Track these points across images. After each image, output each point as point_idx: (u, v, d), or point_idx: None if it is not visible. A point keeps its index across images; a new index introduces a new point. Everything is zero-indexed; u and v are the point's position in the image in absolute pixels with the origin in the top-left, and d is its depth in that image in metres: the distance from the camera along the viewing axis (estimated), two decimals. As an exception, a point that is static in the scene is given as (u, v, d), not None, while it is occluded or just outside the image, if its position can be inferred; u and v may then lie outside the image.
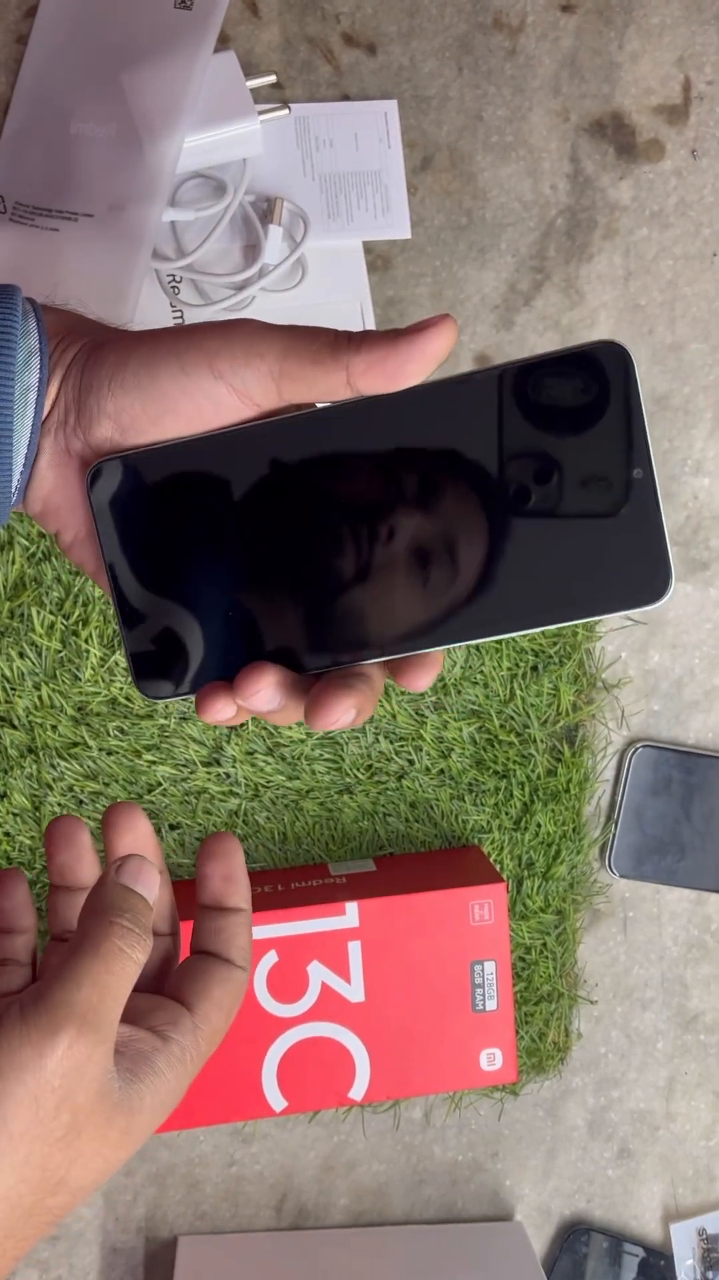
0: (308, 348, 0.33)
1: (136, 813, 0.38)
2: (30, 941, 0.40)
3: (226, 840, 0.39)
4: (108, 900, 0.35)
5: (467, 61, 0.69)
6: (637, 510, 0.32)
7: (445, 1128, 0.71)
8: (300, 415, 0.34)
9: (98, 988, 0.32)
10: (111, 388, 0.34)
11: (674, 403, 0.71)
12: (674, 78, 0.70)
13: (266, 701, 0.34)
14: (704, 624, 0.71)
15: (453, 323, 0.33)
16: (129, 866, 0.36)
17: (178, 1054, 0.35)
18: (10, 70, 0.67)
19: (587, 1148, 0.72)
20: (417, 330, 0.32)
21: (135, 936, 0.34)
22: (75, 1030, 0.32)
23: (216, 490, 0.34)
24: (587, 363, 0.33)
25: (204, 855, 0.39)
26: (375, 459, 0.34)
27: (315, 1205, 0.71)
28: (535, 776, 0.69)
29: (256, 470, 0.34)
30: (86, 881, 0.40)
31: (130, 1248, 0.70)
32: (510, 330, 0.70)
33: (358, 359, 0.32)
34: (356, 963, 0.62)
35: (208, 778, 0.67)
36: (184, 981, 0.37)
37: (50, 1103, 0.31)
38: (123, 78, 0.65)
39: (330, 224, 0.68)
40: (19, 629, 0.65)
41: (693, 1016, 0.72)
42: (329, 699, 0.33)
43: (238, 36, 0.68)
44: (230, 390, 0.33)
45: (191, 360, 0.33)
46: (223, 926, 0.38)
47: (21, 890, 0.40)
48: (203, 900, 0.39)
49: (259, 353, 0.33)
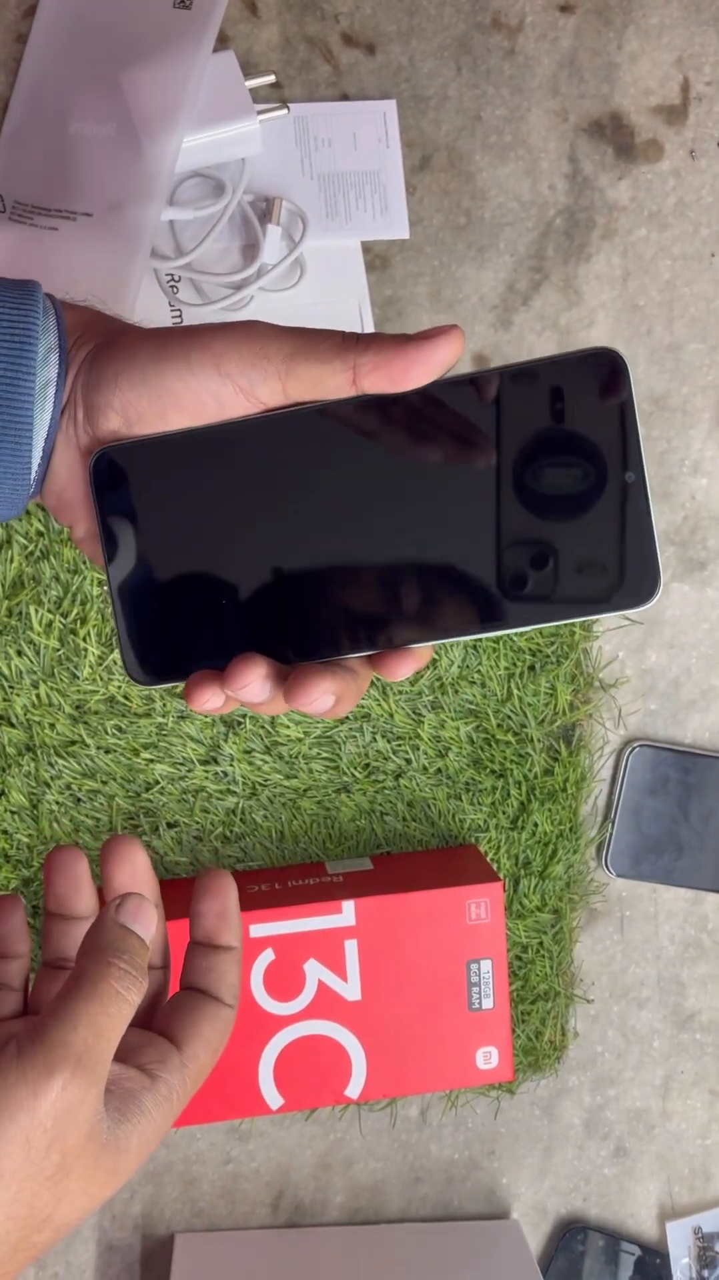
0: (316, 348, 0.33)
1: (134, 846, 0.39)
2: (24, 967, 0.40)
3: (221, 878, 0.39)
4: (106, 940, 0.35)
5: (465, 61, 0.70)
6: (628, 514, 0.33)
7: (442, 1126, 0.72)
8: (301, 410, 0.34)
9: (93, 1029, 0.33)
10: (119, 382, 0.34)
11: (672, 403, 0.71)
12: (673, 78, 0.70)
13: (256, 693, 0.34)
14: (701, 624, 0.71)
15: (461, 333, 0.33)
16: (128, 906, 0.36)
17: (164, 1093, 0.35)
18: (9, 69, 0.67)
19: (583, 1146, 0.72)
20: (425, 336, 0.33)
21: (132, 979, 0.34)
22: (70, 1072, 0.32)
23: (215, 481, 0.35)
24: (583, 368, 0.33)
25: (198, 892, 0.39)
26: (370, 456, 0.34)
27: (312, 1203, 0.71)
28: (532, 776, 0.69)
29: (254, 463, 0.35)
30: (83, 911, 0.40)
31: (127, 1245, 0.70)
32: (509, 330, 0.70)
33: (365, 358, 0.33)
34: (353, 961, 0.63)
35: (205, 776, 0.67)
36: (173, 1018, 0.37)
37: (42, 1143, 0.32)
38: (122, 77, 0.65)
39: (329, 224, 0.68)
40: (17, 627, 0.66)
41: (689, 1015, 0.72)
42: (308, 680, 0.34)
43: (237, 36, 0.68)
44: (236, 389, 0.34)
45: (198, 358, 0.34)
46: (213, 965, 0.38)
47: (18, 916, 0.40)
48: (195, 937, 0.39)
49: (266, 353, 0.34)
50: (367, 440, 0.34)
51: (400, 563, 0.34)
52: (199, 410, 0.34)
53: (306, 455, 0.34)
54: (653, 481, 0.71)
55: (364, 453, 0.34)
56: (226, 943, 0.39)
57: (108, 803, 0.67)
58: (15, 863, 0.67)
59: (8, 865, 0.67)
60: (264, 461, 0.35)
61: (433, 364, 0.33)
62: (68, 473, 0.36)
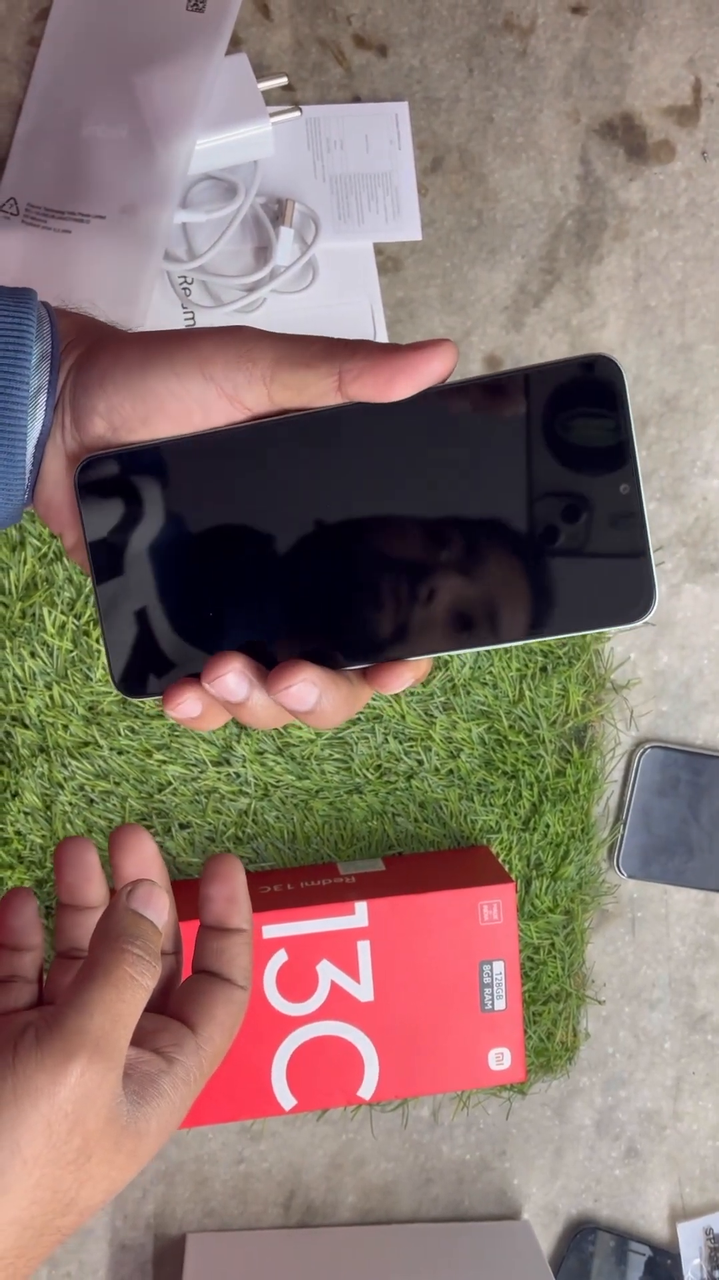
0: (301, 353, 0.33)
1: (142, 835, 0.39)
2: (38, 959, 0.40)
3: (229, 862, 0.39)
4: (119, 927, 0.35)
5: (477, 63, 0.70)
6: (623, 526, 0.32)
7: (453, 1126, 0.72)
8: (287, 418, 0.34)
9: (110, 1015, 0.33)
10: (103, 385, 0.34)
11: (684, 404, 0.71)
12: (685, 79, 0.70)
13: (233, 687, 0.34)
14: (713, 625, 0.71)
15: (453, 347, 0.33)
16: (139, 892, 0.36)
17: (182, 1075, 0.35)
18: (23, 72, 0.68)
19: (594, 1147, 0.72)
20: (415, 348, 0.33)
21: (145, 964, 0.34)
22: (88, 1057, 0.32)
23: (201, 489, 0.34)
24: (578, 376, 0.32)
25: (207, 876, 0.39)
26: (358, 465, 0.34)
27: (323, 1203, 0.71)
28: (544, 777, 0.69)
29: (240, 472, 0.34)
30: (94, 901, 0.41)
31: (139, 1244, 0.70)
32: (520, 331, 0.70)
33: (351, 363, 0.33)
34: (366, 962, 0.63)
35: (218, 777, 0.68)
36: (187, 1001, 0.37)
37: (63, 1128, 0.32)
38: (135, 80, 0.65)
39: (341, 226, 0.68)
40: (31, 629, 0.66)
41: (700, 1016, 0.72)
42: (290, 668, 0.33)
43: (249, 38, 0.68)
44: (221, 393, 0.33)
45: (183, 362, 0.33)
46: (225, 947, 0.39)
47: (30, 909, 0.41)
48: (205, 920, 0.39)
49: (252, 358, 0.33)
50: (353, 450, 0.34)
51: (388, 575, 0.34)
52: (184, 415, 0.34)
53: (293, 464, 0.34)
54: (664, 483, 0.71)
55: (350, 463, 0.34)
56: (237, 925, 0.39)
57: (121, 804, 0.67)
58: (29, 863, 0.67)
59: (21, 866, 0.67)
60: (250, 470, 0.34)
61: (421, 375, 0.32)
62: (56, 479, 0.36)
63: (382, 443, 0.33)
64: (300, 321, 0.68)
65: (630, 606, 0.32)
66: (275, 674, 0.33)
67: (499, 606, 0.33)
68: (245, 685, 0.34)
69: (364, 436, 0.33)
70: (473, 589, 0.33)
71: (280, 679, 0.33)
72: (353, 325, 0.68)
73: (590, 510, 0.32)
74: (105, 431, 0.34)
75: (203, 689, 0.34)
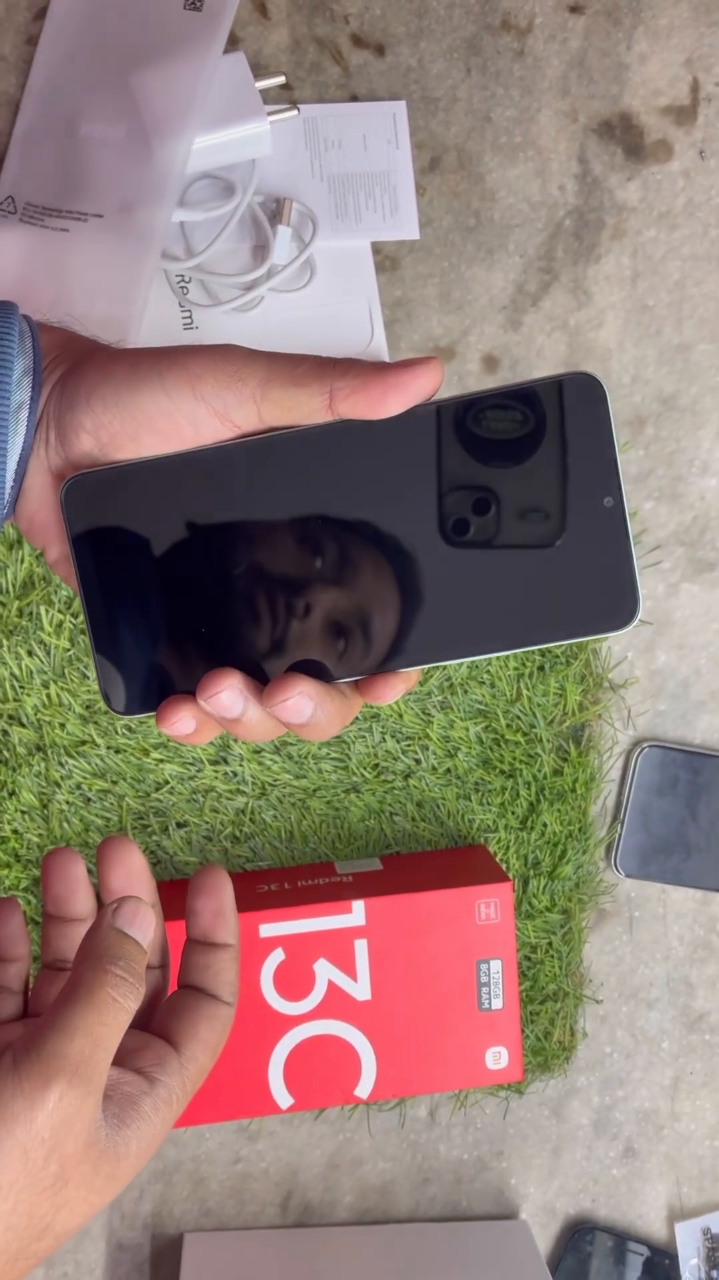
0: (291, 371, 0.33)
1: (129, 847, 0.38)
2: (23, 970, 0.40)
3: (216, 875, 0.39)
4: (103, 947, 0.35)
5: (475, 63, 0.70)
6: (606, 539, 0.33)
7: (451, 1126, 0.72)
8: (276, 435, 0.34)
9: (90, 1038, 0.33)
10: (90, 403, 0.34)
11: (682, 403, 0.71)
12: (682, 79, 0.70)
13: (228, 704, 0.34)
14: (711, 624, 0.71)
15: (440, 365, 0.33)
16: (125, 910, 0.36)
17: (164, 1096, 0.35)
18: (20, 71, 0.68)
19: (592, 1147, 0.72)
20: (404, 365, 0.33)
21: (129, 986, 0.34)
22: (66, 1082, 0.32)
23: (189, 507, 0.34)
24: (560, 393, 0.33)
25: (193, 890, 0.39)
26: (346, 481, 0.34)
27: (320, 1203, 0.71)
28: (542, 776, 0.69)
29: (229, 488, 0.34)
30: (80, 913, 0.40)
31: (136, 1244, 0.70)
32: (518, 331, 0.70)
33: (341, 383, 0.33)
34: (363, 961, 0.63)
35: (215, 776, 0.67)
36: (171, 1018, 0.37)
37: (40, 1154, 0.32)
38: (132, 79, 0.65)
39: (339, 224, 0.68)
40: (28, 627, 0.66)
41: (698, 1016, 0.72)
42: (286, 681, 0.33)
43: (247, 38, 0.69)
44: (211, 411, 0.33)
45: (173, 380, 0.33)
46: (211, 963, 0.38)
47: (16, 919, 0.40)
48: (192, 934, 0.39)
49: (242, 376, 0.33)
50: (341, 467, 0.34)
51: (377, 588, 0.34)
52: (173, 433, 0.34)
53: (281, 480, 0.34)
54: (662, 482, 0.71)
55: (339, 479, 0.34)
56: (223, 940, 0.38)
57: (118, 803, 0.67)
58: (26, 862, 0.67)
59: (18, 865, 0.67)
60: (239, 487, 0.34)
61: (411, 392, 0.33)
62: (40, 495, 0.36)
63: (369, 459, 0.34)
64: (298, 320, 0.68)
65: (614, 616, 0.33)
66: (272, 688, 0.33)
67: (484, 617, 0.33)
68: (241, 701, 0.34)
69: (351, 454, 0.34)
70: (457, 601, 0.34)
71: (277, 692, 0.33)
72: (350, 324, 0.68)
73: (575, 525, 0.33)
74: (93, 448, 0.34)
75: (197, 705, 0.34)
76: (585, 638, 0.34)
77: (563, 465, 0.33)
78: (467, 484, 0.34)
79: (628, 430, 0.71)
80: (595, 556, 0.33)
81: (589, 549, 0.33)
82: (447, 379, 0.70)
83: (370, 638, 0.34)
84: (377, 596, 0.34)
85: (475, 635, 0.34)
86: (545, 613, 0.33)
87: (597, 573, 0.33)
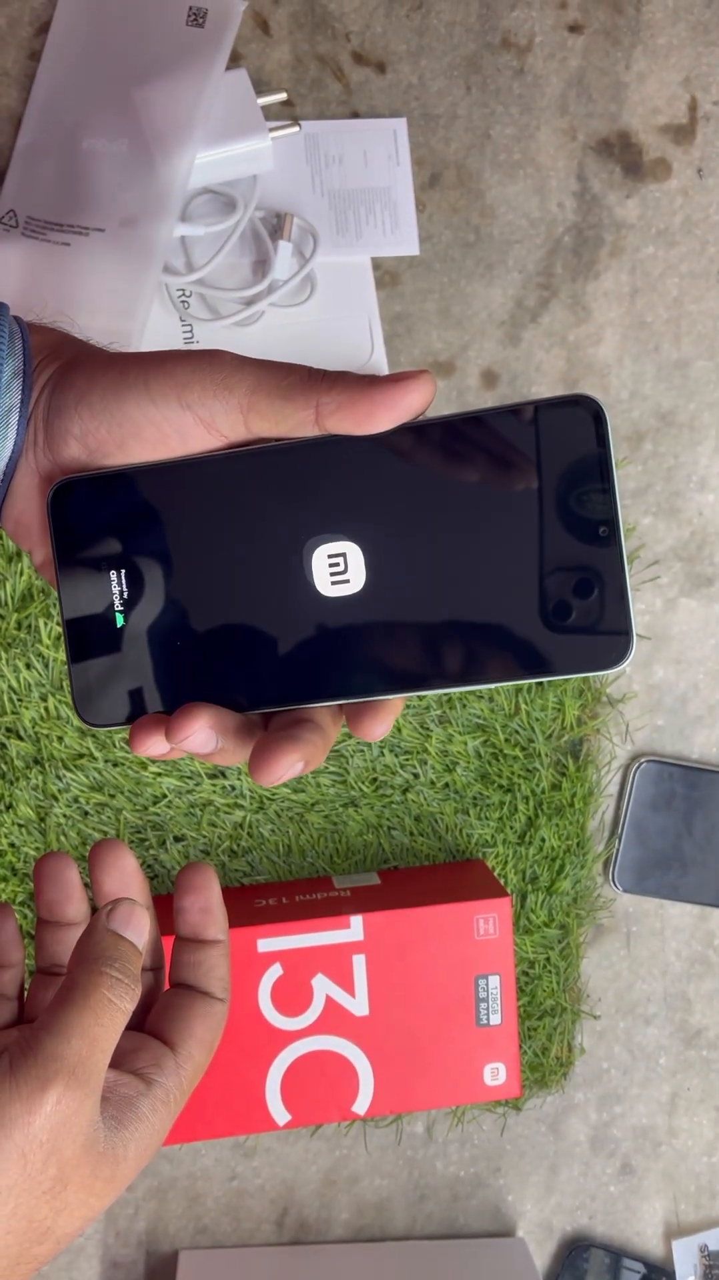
0: (279, 383, 0.32)
1: (121, 850, 0.38)
2: (18, 976, 0.40)
3: (203, 872, 0.38)
4: (98, 949, 0.35)
5: (475, 80, 0.70)
6: (602, 570, 0.31)
7: (448, 1143, 0.71)
8: (261, 449, 0.33)
9: (87, 1040, 0.32)
10: (79, 409, 0.33)
11: (679, 419, 0.71)
12: (680, 98, 0.71)
13: (201, 744, 0.33)
14: (708, 640, 0.72)
15: (432, 380, 0.32)
16: (119, 912, 0.35)
17: (162, 1096, 0.35)
18: (23, 86, 0.68)
19: (589, 1163, 0.72)
20: (394, 380, 0.32)
21: (124, 987, 0.34)
22: (64, 1085, 0.32)
23: (172, 518, 0.34)
24: (559, 416, 0.32)
25: (180, 888, 0.38)
26: (330, 500, 0.33)
27: (316, 1220, 0.71)
28: (540, 791, 0.69)
29: (214, 500, 0.34)
30: (74, 918, 0.40)
31: (131, 1262, 0.70)
32: (517, 346, 0.71)
33: (329, 397, 0.32)
34: (361, 976, 0.62)
35: (213, 790, 0.67)
36: (165, 1018, 0.37)
37: (38, 1157, 0.32)
38: (135, 94, 0.65)
39: (339, 240, 0.69)
40: (26, 640, 0.66)
41: (696, 1032, 0.72)
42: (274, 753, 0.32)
43: (249, 54, 0.69)
44: (197, 420, 0.33)
45: (159, 388, 0.33)
46: (202, 960, 0.38)
47: (9, 925, 0.40)
48: (181, 932, 0.38)
49: (229, 385, 0.33)
50: (325, 484, 0.33)
51: (360, 612, 0.33)
52: (160, 441, 0.33)
53: (269, 495, 0.33)
54: (660, 498, 0.71)
55: (323, 497, 0.33)
56: (213, 936, 0.38)
57: (115, 816, 0.67)
58: (23, 876, 0.67)
59: (14, 879, 0.67)
60: (224, 499, 0.33)
61: (400, 409, 0.32)
62: (26, 498, 0.35)
63: (353, 477, 0.33)
64: (298, 335, 0.69)
65: (607, 653, 0.31)
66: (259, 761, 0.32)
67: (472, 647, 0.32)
68: (213, 741, 0.33)
69: (336, 471, 0.33)
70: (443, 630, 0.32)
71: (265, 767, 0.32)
72: (350, 339, 0.69)
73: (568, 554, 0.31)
74: (80, 454, 0.34)
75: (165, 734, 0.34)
76: (575, 675, 0.32)
77: (559, 491, 0.32)
78: (458, 507, 0.32)
79: (626, 446, 0.71)
80: (590, 588, 0.31)
81: (581, 582, 0.31)
82: (446, 394, 0.70)
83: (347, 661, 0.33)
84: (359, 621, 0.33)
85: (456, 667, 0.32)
86: (534, 646, 0.32)
87: (590, 606, 0.31)
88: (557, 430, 0.32)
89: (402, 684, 0.33)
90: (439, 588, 0.32)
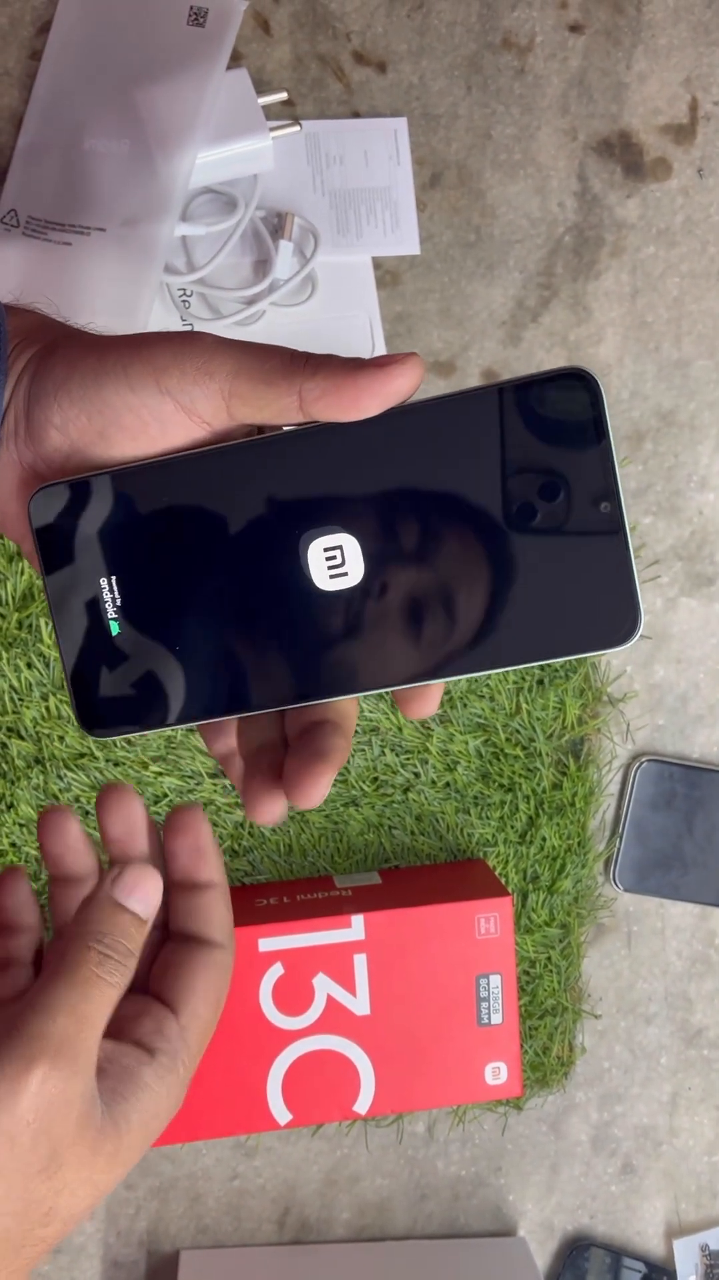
0: (260, 367, 0.31)
1: (128, 795, 0.36)
2: (34, 940, 0.38)
3: (191, 812, 0.36)
4: (91, 922, 0.33)
5: (476, 80, 0.70)
6: (605, 547, 0.31)
7: (449, 1142, 0.71)
8: (243, 443, 0.32)
9: (74, 1017, 0.31)
10: (58, 398, 0.32)
11: (680, 418, 0.71)
12: (681, 98, 0.71)
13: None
14: (709, 639, 0.72)
15: (419, 362, 0.31)
16: (126, 879, 0.34)
17: (166, 1064, 0.33)
18: (24, 86, 0.68)
19: (590, 1163, 0.72)
20: (379, 364, 0.31)
21: (114, 963, 0.33)
22: (49, 1063, 0.31)
23: (161, 519, 0.33)
24: (553, 391, 0.31)
25: (169, 830, 0.36)
26: (329, 489, 0.32)
27: (317, 1219, 0.71)
28: (541, 790, 0.69)
29: (199, 498, 0.33)
30: (81, 872, 0.38)
31: (132, 1261, 0.70)
32: (518, 346, 0.71)
33: (312, 383, 0.31)
34: (362, 975, 0.62)
35: (214, 789, 0.67)
36: (167, 976, 0.35)
37: (26, 1138, 0.31)
38: (136, 94, 0.65)
39: (340, 240, 0.69)
40: (27, 640, 0.66)
41: (697, 1031, 0.72)
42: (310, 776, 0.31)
43: (250, 54, 0.69)
44: (178, 407, 0.32)
45: (138, 374, 0.31)
46: (197, 905, 0.36)
47: (22, 887, 0.38)
48: (173, 877, 0.36)
49: (209, 370, 0.31)
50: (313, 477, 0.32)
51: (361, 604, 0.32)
52: (140, 429, 0.32)
53: (258, 491, 0.32)
54: (661, 497, 0.71)
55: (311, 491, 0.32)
56: (207, 878, 0.36)
57: (116, 816, 0.67)
58: (23, 875, 0.67)
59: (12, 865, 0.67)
60: (209, 497, 0.32)
61: (387, 393, 0.30)
62: (10, 488, 0.34)
63: (342, 468, 0.32)
64: (299, 335, 0.69)
65: (614, 630, 0.31)
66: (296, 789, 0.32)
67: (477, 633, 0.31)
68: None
69: (322, 463, 0.32)
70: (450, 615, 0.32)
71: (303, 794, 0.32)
72: (351, 339, 0.69)
73: (570, 532, 0.31)
74: (62, 444, 0.33)
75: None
76: (582, 655, 0.31)
77: (557, 468, 0.31)
78: (455, 490, 0.31)
79: (627, 445, 0.71)
80: (593, 566, 0.31)
81: (586, 557, 0.31)
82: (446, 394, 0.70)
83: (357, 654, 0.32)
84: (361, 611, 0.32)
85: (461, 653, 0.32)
86: (540, 628, 0.31)
87: (595, 584, 0.31)
88: (551, 404, 0.31)
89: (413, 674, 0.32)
90: (441, 573, 0.32)
